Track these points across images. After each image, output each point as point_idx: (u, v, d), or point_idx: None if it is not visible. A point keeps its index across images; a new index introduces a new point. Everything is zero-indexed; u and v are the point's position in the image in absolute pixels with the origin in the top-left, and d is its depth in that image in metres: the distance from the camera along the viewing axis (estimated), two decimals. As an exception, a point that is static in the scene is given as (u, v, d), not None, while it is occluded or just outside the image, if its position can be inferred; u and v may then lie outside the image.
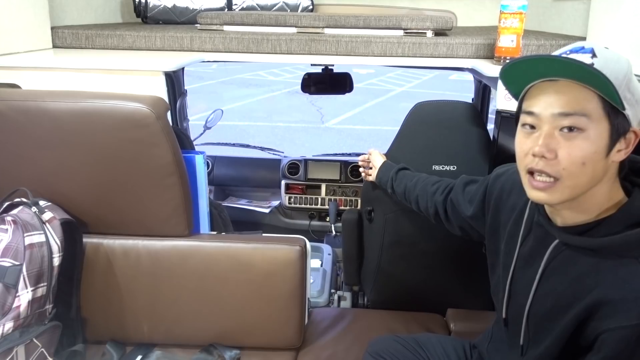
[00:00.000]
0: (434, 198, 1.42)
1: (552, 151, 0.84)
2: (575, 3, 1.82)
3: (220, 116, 2.96)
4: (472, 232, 1.31)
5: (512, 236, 1.07)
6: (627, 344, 0.80)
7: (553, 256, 0.94)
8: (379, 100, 9.28)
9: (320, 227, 2.75)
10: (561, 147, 0.83)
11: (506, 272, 1.07)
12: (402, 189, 1.53)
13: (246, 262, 1.44)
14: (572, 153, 0.83)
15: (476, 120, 1.69)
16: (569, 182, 0.84)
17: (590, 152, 0.82)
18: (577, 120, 0.82)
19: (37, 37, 1.62)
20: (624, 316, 0.80)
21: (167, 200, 1.39)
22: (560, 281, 0.92)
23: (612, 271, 0.84)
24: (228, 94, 9.47)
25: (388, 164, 1.62)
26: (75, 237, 1.38)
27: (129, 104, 1.29)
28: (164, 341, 1.52)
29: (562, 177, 0.84)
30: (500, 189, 1.14)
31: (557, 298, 0.92)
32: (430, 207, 1.43)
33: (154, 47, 1.69)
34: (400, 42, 1.62)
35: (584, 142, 0.82)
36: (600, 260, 0.86)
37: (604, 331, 0.82)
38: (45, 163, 1.36)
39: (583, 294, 0.86)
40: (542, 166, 0.85)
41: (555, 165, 0.84)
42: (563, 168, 0.83)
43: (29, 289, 1.23)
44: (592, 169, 0.83)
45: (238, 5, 2.11)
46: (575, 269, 0.90)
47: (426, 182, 1.48)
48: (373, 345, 1.37)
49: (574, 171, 0.83)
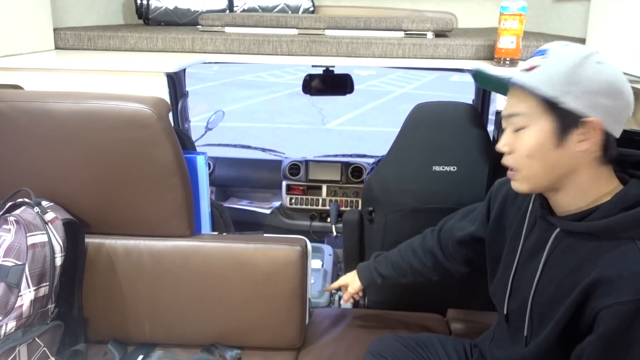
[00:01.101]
0: (425, 245, 1.42)
1: (508, 145, 0.96)
2: (575, 4, 1.83)
3: (222, 117, 2.97)
4: (476, 258, 1.33)
5: (516, 235, 1.09)
6: (622, 320, 0.82)
7: (555, 245, 0.97)
8: (379, 102, 9.28)
9: (321, 227, 2.75)
10: (513, 142, 0.95)
11: (508, 269, 1.09)
12: (390, 268, 1.47)
13: (247, 262, 1.45)
14: (519, 147, 0.94)
15: (476, 121, 1.69)
16: (524, 172, 0.95)
17: (532, 145, 0.92)
18: (516, 119, 0.94)
19: (39, 38, 1.63)
20: (620, 292, 0.82)
21: (169, 201, 1.40)
22: (562, 269, 0.94)
23: (609, 252, 0.87)
24: (229, 96, 9.48)
25: (361, 264, 1.55)
26: (78, 237, 1.38)
27: (130, 105, 1.30)
28: (165, 341, 1.52)
29: (518, 168, 0.95)
30: (505, 194, 1.17)
31: (558, 285, 0.94)
32: (427, 260, 1.41)
33: (155, 48, 1.70)
34: (400, 44, 1.63)
35: (526, 137, 0.92)
36: (599, 244, 0.89)
37: (600, 309, 0.84)
38: (48, 163, 1.37)
39: (582, 277, 0.88)
40: (506, 160, 0.97)
41: (511, 159, 0.96)
42: (515, 161, 0.95)
43: (31, 289, 1.24)
44: (542, 160, 0.92)
45: (239, 7, 2.12)
46: (575, 255, 0.92)
47: (408, 244, 1.47)
48: (374, 345, 1.38)
49: (524, 163, 0.94)
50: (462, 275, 1.40)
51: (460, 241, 1.33)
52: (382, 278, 1.48)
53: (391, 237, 1.76)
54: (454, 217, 1.39)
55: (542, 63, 0.91)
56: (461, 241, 1.33)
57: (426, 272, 1.43)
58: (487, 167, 1.64)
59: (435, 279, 1.44)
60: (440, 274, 1.43)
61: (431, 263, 1.41)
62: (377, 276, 1.48)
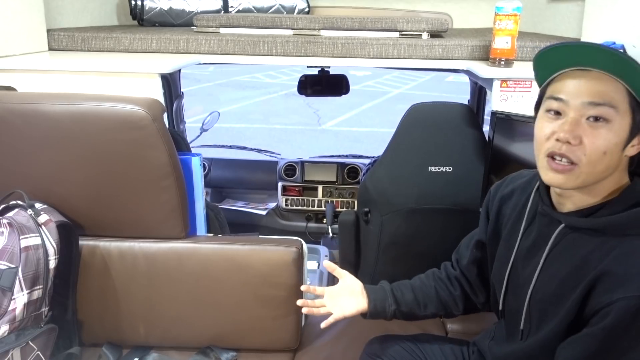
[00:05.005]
0: (449, 273, 1.28)
1: (577, 137, 0.86)
2: (569, 4, 1.83)
3: (217, 118, 2.96)
4: None
5: (512, 232, 1.09)
6: (625, 315, 0.82)
7: (557, 241, 0.96)
8: (375, 102, 9.29)
9: (317, 228, 2.75)
10: (586, 135, 0.86)
11: (504, 265, 1.08)
12: (410, 293, 1.27)
13: (243, 264, 1.44)
14: (595, 142, 0.85)
15: (472, 122, 1.69)
16: (587, 168, 0.87)
17: (612, 143, 0.86)
18: (605, 110, 0.85)
19: (32, 39, 1.62)
20: (627, 288, 0.82)
21: (164, 202, 1.39)
22: (565, 264, 0.94)
23: (615, 248, 0.87)
24: (225, 97, 9.47)
25: (371, 285, 1.29)
26: (72, 240, 1.37)
27: (125, 106, 1.29)
28: (160, 343, 1.52)
29: (582, 163, 0.87)
30: (501, 196, 1.16)
31: (561, 281, 0.93)
32: (454, 288, 1.27)
33: (150, 49, 1.69)
34: (395, 44, 1.63)
35: (608, 132, 0.85)
36: (605, 240, 0.89)
37: (606, 304, 0.84)
38: (42, 165, 1.36)
39: (588, 272, 0.88)
40: (564, 150, 0.87)
41: (578, 151, 0.87)
42: (584, 154, 0.86)
43: (24, 292, 1.23)
44: (610, 159, 0.87)
45: (234, 8, 2.11)
46: (580, 251, 0.92)
47: (425, 279, 1.31)
48: (370, 346, 1.37)
49: (594, 159, 0.86)
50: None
51: (472, 260, 1.25)
52: (397, 305, 1.25)
53: (387, 238, 1.76)
54: (459, 250, 1.31)
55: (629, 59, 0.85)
56: (473, 259, 1.25)
57: (451, 302, 1.27)
58: (482, 167, 1.64)
59: (457, 314, 1.30)
60: (465, 305, 1.28)
61: (459, 291, 1.27)
62: (391, 302, 1.24)
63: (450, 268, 1.31)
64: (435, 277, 1.30)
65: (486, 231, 1.20)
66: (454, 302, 1.27)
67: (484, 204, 1.24)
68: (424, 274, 1.33)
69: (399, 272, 1.80)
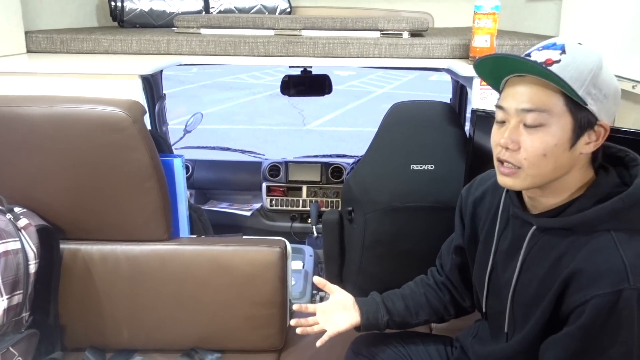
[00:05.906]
0: (436, 279, 1.29)
1: (516, 143, 0.90)
2: (547, 4, 1.86)
3: (200, 120, 2.95)
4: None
5: (488, 234, 1.10)
6: (599, 312, 0.83)
7: (532, 244, 0.97)
8: (360, 102, 9.31)
9: (301, 228, 2.75)
10: (524, 139, 0.89)
11: (483, 269, 1.09)
12: (401, 302, 1.27)
13: (226, 265, 1.44)
14: (533, 145, 0.88)
15: (453, 120, 1.71)
16: (531, 171, 0.90)
17: (551, 145, 0.88)
18: (537, 116, 0.88)
19: (10, 41, 1.60)
20: (598, 285, 0.83)
21: (146, 205, 1.38)
22: (541, 265, 0.95)
23: (585, 245, 0.88)
24: (209, 98, 9.42)
25: (361, 298, 1.29)
26: (52, 244, 1.36)
27: (104, 108, 1.28)
28: (144, 346, 1.51)
29: (524, 166, 0.90)
30: (474, 199, 1.17)
31: (540, 282, 0.94)
32: (443, 294, 1.27)
33: (130, 50, 1.68)
34: (377, 43, 1.64)
35: (545, 135, 0.88)
36: (576, 238, 0.90)
37: (580, 303, 0.85)
38: (21, 169, 1.34)
39: (561, 271, 0.89)
40: (507, 156, 0.92)
41: (518, 155, 0.90)
42: (524, 158, 0.90)
43: (4, 297, 1.21)
44: (554, 160, 0.89)
45: (215, 8, 2.10)
46: (554, 252, 0.93)
47: (414, 287, 1.31)
48: (355, 344, 1.38)
49: (535, 161, 0.89)
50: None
51: (454, 265, 1.26)
52: (389, 315, 1.24)
53: (371, 237, 1.77)
54: (441, 255, 1.32)
55: (564, 59, 0.86)
56: (454, 264, 1.26)
57: (442, 307, 1.28)
58: (464, 165, 1.66)
59: (449, 318, 1.30)
60: (456, 309, 1.28)
61: (448, 297, 1.27)
62: (383, 313, 1.24)
63: (436, 274, 1.31)
64: (424, 283, 1.31)
65: (463, 235, 1.20)
66: (444, 308, 1.28)
67: (456, 208, 1.23)
68: (413, 281, 1.34)
69: (384, 270, 1.82)
